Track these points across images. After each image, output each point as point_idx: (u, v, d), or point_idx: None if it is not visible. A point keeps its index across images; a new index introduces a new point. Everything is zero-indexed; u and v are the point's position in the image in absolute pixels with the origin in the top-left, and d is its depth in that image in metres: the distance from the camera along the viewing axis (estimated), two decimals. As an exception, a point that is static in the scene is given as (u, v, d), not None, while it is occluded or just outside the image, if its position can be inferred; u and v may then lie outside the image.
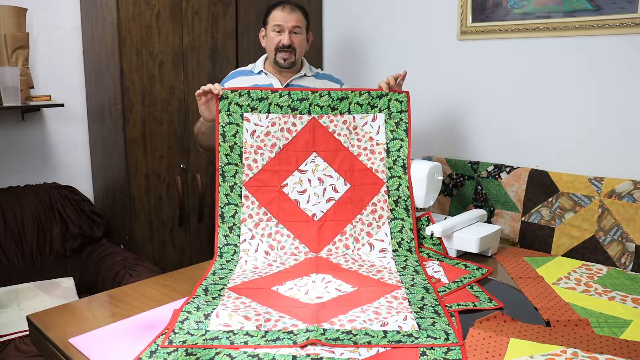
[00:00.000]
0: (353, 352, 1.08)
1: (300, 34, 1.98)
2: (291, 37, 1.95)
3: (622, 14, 1.92)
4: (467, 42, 2.37)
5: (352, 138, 1.76)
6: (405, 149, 1.76)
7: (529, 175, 2.11)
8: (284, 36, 1.94)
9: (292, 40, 1.95)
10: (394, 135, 1.77)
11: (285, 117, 1.72)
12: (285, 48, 1.95)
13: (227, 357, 1.06)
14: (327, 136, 1.74)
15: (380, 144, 1.76)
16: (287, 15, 1.95)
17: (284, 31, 1.95)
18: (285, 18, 1.95)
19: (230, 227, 1.65)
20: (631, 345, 1.10)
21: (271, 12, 1.99)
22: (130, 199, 2.33)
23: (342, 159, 1.74)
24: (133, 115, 2.29)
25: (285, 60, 1.97)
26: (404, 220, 1.69)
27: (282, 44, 1.94)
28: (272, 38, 1.97)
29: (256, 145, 1.70)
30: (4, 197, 2.28)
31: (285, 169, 1.71)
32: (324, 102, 1.74)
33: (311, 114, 1.74)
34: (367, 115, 1.77)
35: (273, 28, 1.96)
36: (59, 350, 1.12)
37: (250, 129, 1.70)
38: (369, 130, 1.77)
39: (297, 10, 1.98)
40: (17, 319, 1.97)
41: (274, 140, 1.71)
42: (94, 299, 1.39)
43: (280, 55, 1.97)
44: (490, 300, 1.33)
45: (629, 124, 1.97)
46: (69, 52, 2.52)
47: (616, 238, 1.88)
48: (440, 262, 1.60)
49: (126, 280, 2.06)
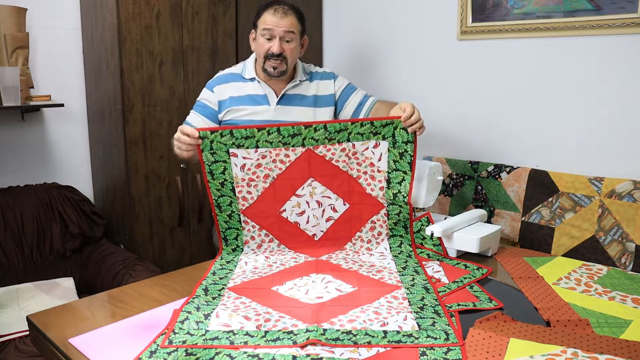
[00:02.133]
0: (353, 352, 1.08)
1: (292, 40, 1.77)
2: (282, 44, 1.75)
3: (622, 14, 1.92)
4: (467, 42, 2.37)
5: (351, 162, 1.63)
6: (407, 184, 1.63)
7: (529, 175, 2.11)
8: (274, 43, 1.74)
9: (283, 48, 1.75)
10: (396, 165, 1.63)
11: (276, 150, 1.58)
12: (275, 56, 1.75)
13: (227, 357, 1.06)
14: (324, 163, 1.62)
15: (381, 171, 1.64)
16: (278, 19, 1.73)
17: (275, 37, 1.74)
18: (276, 22, 1.73)
19: (234, 249, 1.65)
20: (631, 345, 1.10)
21: (261, 14, 1.78)
22: (130, 199, 2.33)
23: (340, 182, 1.64)
24: (133, 115, 2.29)
25: (275, 69, 1.77)
26: (403, 237, 1.69)
27: (272, 52, 1.75)
28: (261, 44, 1.77)
29: (248, 177, 1.59)
30: (4, 197, 2.28)
31: (282, 197, 1.63)
32: (320, 135, 1.58)
33: (306, 146, 1.59)
34: (368, 141, 1.62)
35: (262, 33, 1.76)
36: (59, 350, 1.12)
37: (239, 163, 1.57)
38: (370, 155, 1.63)
39: (290, 14, 1.76)
40: (17, 319, 1.97)
41: (266, 171, 1.60)
42: (94, 299, 1.39)
43: (269, 63, 1.77)
44: (490, 300, 1.33)
45: (629, 124, 1.97)
46: (69, 52, 2.52)
47: (616, 238, 1.88)
48: (440, 262, 1.60)
49: (126, 280, 2.06)
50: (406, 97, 2.61)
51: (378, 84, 2.72)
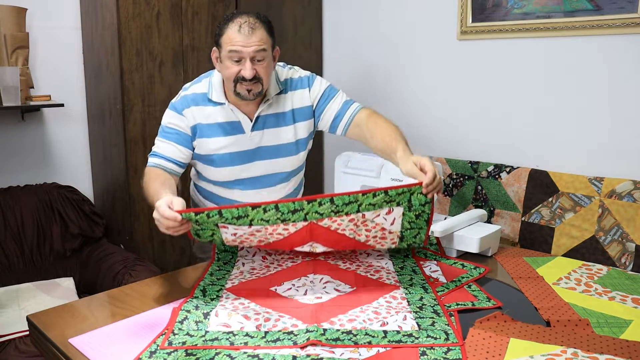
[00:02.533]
0: (353, 352, 1.08)
1: (265, 59, 1.47)
2: (254, 66, 1.46)
3: (622, 14, 1.92)
4: (467, 42, 2.37)
5: (359, 230, 1.40)
6: (423, 235, 1.45)
7: (529, 175, 2.11)
8: (245, 67, 1.45)
9: (256, 70, 1.46)
10: (411, 225, 1.42)
11: (274, 226, 1.33)
12: (248, 80, 1.46)
13: (227, 357, 1.06)
14: (329, 232, 1.39)
15: (393, 232, 1.43)
16: (246, 38, 1.43)
17: (244, 59, 1.45)
18: (243, 41, 1.43)
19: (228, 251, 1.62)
20: (631, 345, 1.10)
21: (224, 32, 1.46)
22: (130, 199, 2.33)
23: (345, 243, 1.45)
24: (133, 115, 2.29)
25: (250, 91, 1.48)
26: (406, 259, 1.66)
27: (243, 77, 1.46)
28: (228, 67, 1.47)
29: (239, 240, 1.38)
30: (4, 197, 2.28)
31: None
32: (325, 209, 1.32)
33: (308, 220, 1.34)
34: (380, 209, 1.37)
35: (229, 55, 1.45)
36: (59, 350, 1.12)
37: (230, 232, 1.35)
38: (382, 222, 1.40)
39: (258, 27, 1.45)
40: (17, 319, 1.97)
41: (261, 238, 1.38)
42: (94, 299, 1.39)
43: (242, 86, 1.48)
44: (488, 300, 1.33)
45: (629, 124, 1.97)
46: (69, 52, 2.52)
47: (616, 238, 1.88)
48: (438, 261, 1.60)
49: (126, 280, 2.06)
50: (406, 96, 2.61)
51: (378, 84, 2.72)
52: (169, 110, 1.59)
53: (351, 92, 2.85)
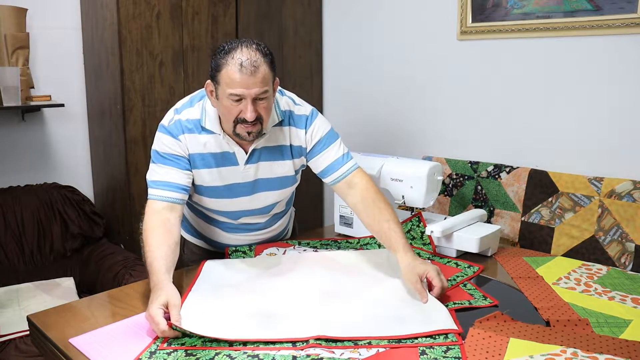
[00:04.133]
0: (353, 352, 1.08)
1: (267, 98, 1.35)
2: (256, 107, 1.33)
3: (622, 14, 1.92)
4: (467, 42, 2.37)
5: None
6: None
7: (529, 175, 2.11)
8: (247, 109, 1.32)
9: (258, 111, 1.34)
10: None
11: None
12: (249, 122, 1.35)
13: (227, 357, 1.06)
14: None
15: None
16: (248, 78, 1.29)
17: (246, 99, 1.32)
18: (246, 83, 1.29)
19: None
20: (631, 345, 1.10)
21: (222, 69, 1.31)
22: (130, 199, 2.33)
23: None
24: (133, 115, 2.29)
25: (250, 133, 1.37)
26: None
27: (244, 119, 1.34)
28: (227, 107, 1.34)
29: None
30: (4, 197, 2.28)
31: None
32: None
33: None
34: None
35: (229, 97, 1.32)
36: (59, 350, 1.13)
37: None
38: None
39: (260, 64, 1.31)
40: (17, 318, 1.98)
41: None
42: (94, 299, 1.39)
43: (242, 127, 1.36)
44: (485, 298, 1.34)
45: (629, 124, 1.97)
46: (69, 52, 2.52)
47: (616, 238, 1.88)
48: (432, 261, 1.60)
49: (126, 280, 2.06)
50: (406, 96, 2.61)
51: (377, 84, 2.72)
52: (163, 135, 1.45)
53: (351, 92, 2.87)
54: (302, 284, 1.40)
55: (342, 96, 2.91)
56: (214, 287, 1.39)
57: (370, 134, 2.79)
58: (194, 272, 1.53)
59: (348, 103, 2.88)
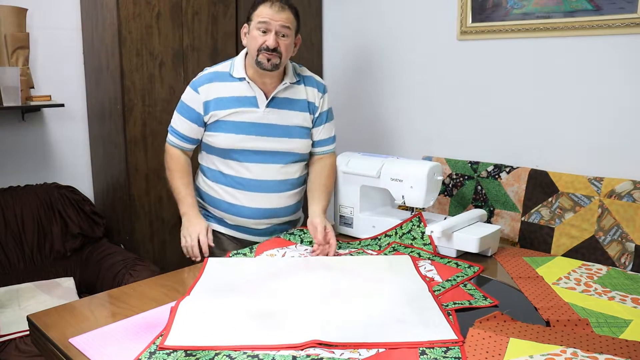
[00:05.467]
0: (353, 352, 1.08)
1: (288, 36, 1.69)
2: (278, 39, 1.66)
3: (622, 14, 1.92)
4: (467, 42, 2.37)
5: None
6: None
7: (529, 175, 2.11)
8: (270, 38, 1.65)
9: (279, 43, 1.66)
10: None
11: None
12: (270, 50, 1.66)
13: (227, 357, 1.06)
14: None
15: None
16: (275, 13, 1.66)
17: (270, 31, 1.66)
18: (272, 16, 1.65)
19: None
20: (631, 345, 1.10)
21: (257, 7, 1.68)
22: (130, 199, 2.33)
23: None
24: (133, 115, 2.29)
25: (269, 60, 1.67)
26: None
27: (267, 46, 1.66)
28: (255, 37, 1.68)
29: None
30: (4, 197, 2.28)
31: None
32: None
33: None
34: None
35: (258, 26, 1.67)
36: (59, 350, 1.13)
37: None
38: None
39: (287, 9, 1.68)
40: (17, 318, 1.98)
41: None
42: (94, 299, 1.39)
43: (263, 55, 1.67)
44: (485, 298, 1.34)
45: (629, 124, 1.97)
46: (69, 52, 2.52)
47: (616, 238, 1.88)
48: (432, 261, 1.60)
49: (126, 280, 2.06)
50: (406, 96, 2.61)
51: (378, 84, 2.72)
52: (188, 88, 1.77)
53: (351, 92, 2.87)
54: (303, 286, 1.40)
55: (342, 96, 2.91)
56: (215, 286, 1.39)
57: (370, 134, 2.79)
58: (196, 270, 1.53)
59: (348, 103, 2.88)
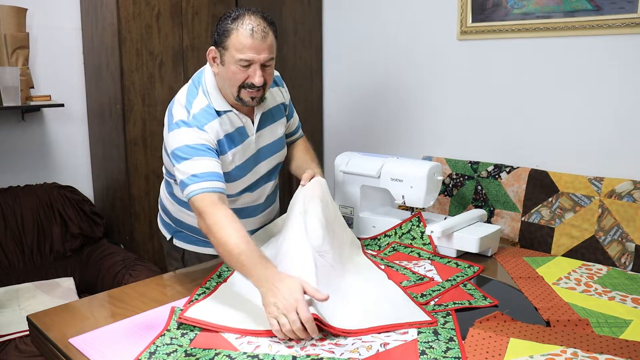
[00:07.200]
0: (353, 352, 1.08)
1: (271, 65, 1.41)
2: (263, 72, 1.38)
3: (622, 14, 1.93)
4: (467, 42, 2.37)
5: None
6: None
7: (529, 175, 2.11)
8: (255, 74, 1.36)
9: (264, 77, 1.38)
10: None
11: None
12: (255, 87, 1.39)
13: (227, 357, 1.06)
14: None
15: None
16: (259, 44, 1.34)
17: (254, 64, 1.36)
18: (257, 48, 1.34)
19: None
20: (631, 345, 1.10)
21: (232, 34, 1.34)
22: (130, 199, 2.33)
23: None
24: (133, 115, 2.29)
25: (253, 98, 1.41)
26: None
27: (251, 83, 1.38)
28: (234, 72, 1.37)
29: None
30: (4, 197, 2.28)
31: None
32: None
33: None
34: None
35: (238, 62, 1.35)
36: (59, 350, 1.13)
37: None
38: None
39: (268, 31, 1.36)
40: (17, 318, 1.98)
41: None
42: (94, 299, 1.39)
43: (246, 93, 1.40)
44: (485, 298, 1.34)
45: (629, 124, 1.97)
46: (69, 52, 2.52)
47: (616, 238, 1.88)
48: (432, 261, 1.60)
49: (126, 280, 2.06)
50: (406, 97, 2.61)
51: (378, 84, 2.72)
52: (188, 130, 1.39)
53: (351, 92, 2.87)
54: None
55: (342, 96, 2.91)
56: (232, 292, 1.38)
57: (370, 134, 2.79)
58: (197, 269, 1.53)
59: (348, 103, 2.88)
